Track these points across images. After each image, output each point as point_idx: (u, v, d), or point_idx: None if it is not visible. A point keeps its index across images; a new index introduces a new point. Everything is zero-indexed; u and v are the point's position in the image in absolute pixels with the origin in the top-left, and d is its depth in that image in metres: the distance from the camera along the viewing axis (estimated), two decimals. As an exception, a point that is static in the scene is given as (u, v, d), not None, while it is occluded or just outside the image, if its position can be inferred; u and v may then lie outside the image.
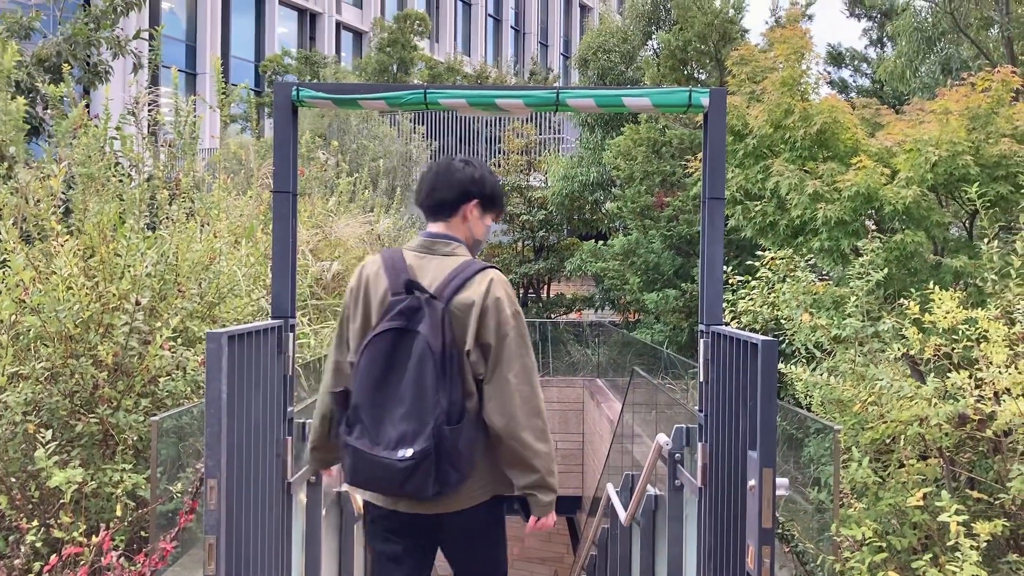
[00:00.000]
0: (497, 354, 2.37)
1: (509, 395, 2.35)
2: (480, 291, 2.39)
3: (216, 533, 2.68)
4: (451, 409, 2.29)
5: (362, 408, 2.34)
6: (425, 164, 16.41)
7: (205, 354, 2.77)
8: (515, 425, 2.35)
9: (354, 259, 7.87)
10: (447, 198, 2.54)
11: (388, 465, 2.26)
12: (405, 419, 2.27)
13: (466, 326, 2.36)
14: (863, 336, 4.18)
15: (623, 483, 6.09)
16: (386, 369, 2.31)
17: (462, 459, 2.31)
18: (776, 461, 2.71)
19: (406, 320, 2.33)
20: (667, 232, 11.67)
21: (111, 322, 4.09)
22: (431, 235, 2.54)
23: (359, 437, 2.34)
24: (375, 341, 2.35)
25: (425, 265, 2.47)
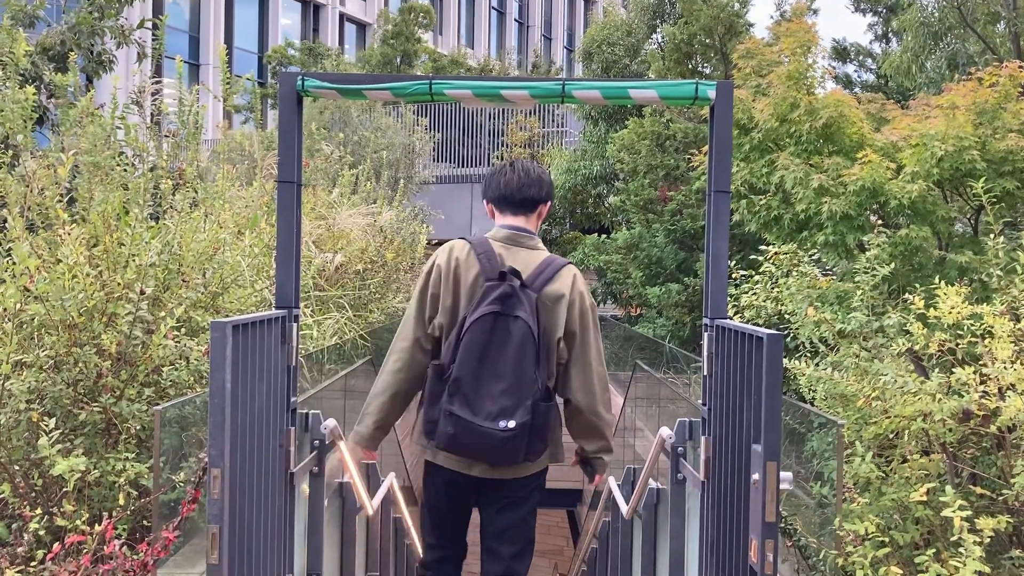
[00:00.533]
0: (582, 340, 2.71)
1: (591, 375, 2.73)
2: (567, 284, 2.70)
3: (219, 523, 2.68)
4: (543, 388, 2.60)
5: (464, 381, 2.54)
6: (429, 155, 16.40)
7: (209, 344, 2.77)
8: (595, 401, 2.74)
9: (357, 251, 7.87)
10: (536, 196, 2.80)
11: (490, 434, 2.51)
12: (505, 394, 2.51)
13: (556, 315, 2.65)
14: (868, 331, 4.17)
15: (624, 477, 6.08)
16: (486, 348, 2.53)
17: (548, 432, 2.66)
18: (780, 455, 2.70)
19: (501, 305, 2.55)
20: (670, 226, 11.65)
21: (115, 311, 4.08)
22: (516, 228, 2.77)
23: (461, 407, 2.55)
24: (478, 322, 2.55)
25: (513, 256, 2.69)
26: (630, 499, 5.73)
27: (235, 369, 2.80)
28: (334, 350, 6.85)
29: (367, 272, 8.10)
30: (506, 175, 2.81)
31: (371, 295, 8.07)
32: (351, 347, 7.29)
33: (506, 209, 2.80)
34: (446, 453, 2.73)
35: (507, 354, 2.53)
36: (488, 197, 2.86)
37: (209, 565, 2.67)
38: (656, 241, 11.98)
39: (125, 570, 3.34)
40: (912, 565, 3.56)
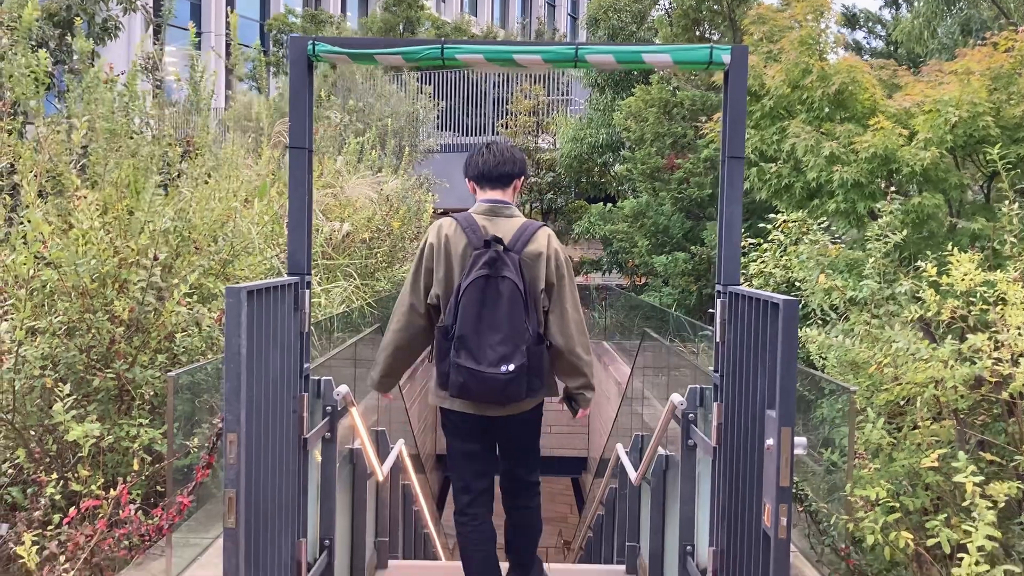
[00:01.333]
0: (559, 290, 3.07)
1: (567, 320, 3.09)
2: (544, 243, 3.06)
3: (236, 487, 2.70)
4: (534, 334, 2.99)
5: (468, 337, 2.93)
6: (433, 123, 16.29)
7: (224, 309, 2.77)
8: (572, 343, 3.10)
9: (363, 219, 7.85)
10: (511, 172, 3.17)
11: (493, 377, 2.91)
12: (503, 343, 2.91)
13: (537, 271, 3.03)
14: (879, 298, 4.16)
15: (632, 444, 6.11)
16: (481, 306, 2.92)
17: (543, 370, 3.05)
18: (795, 420, 2.71)
19: (490, 269, 2.94)
20: (677, 194, 11.58)
21: (128, 278, 4.09)
22: (495, 201, 3.15)
23: (467, 359, 2.94)
24: (472, 286, 2.94)
25: (495, 225, 3.08)
26: (637, 465, 5.77)
27: (250, 335, 2.80)
28: (342, 318, 6.87)
29: (373, 241, 8.09)
30: (483, 156, 3.19)
31: (377, 264, 8.05)
32: (359, 315, 7.30)
33: (485, 185, 3.19)
34: (461, 400, 3.10)
35: (500, 309, 2.93)
36: (469, 176, 3.26)
37: (226, 529, 2.70)
38: (663, 210, 11.91)
39: (140, 534, 3.38)
40: (922, 530, 3.58)
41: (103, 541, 3.35)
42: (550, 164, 16.98)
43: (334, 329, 6.77)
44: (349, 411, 4.07)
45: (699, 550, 3.90)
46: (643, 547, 5.40)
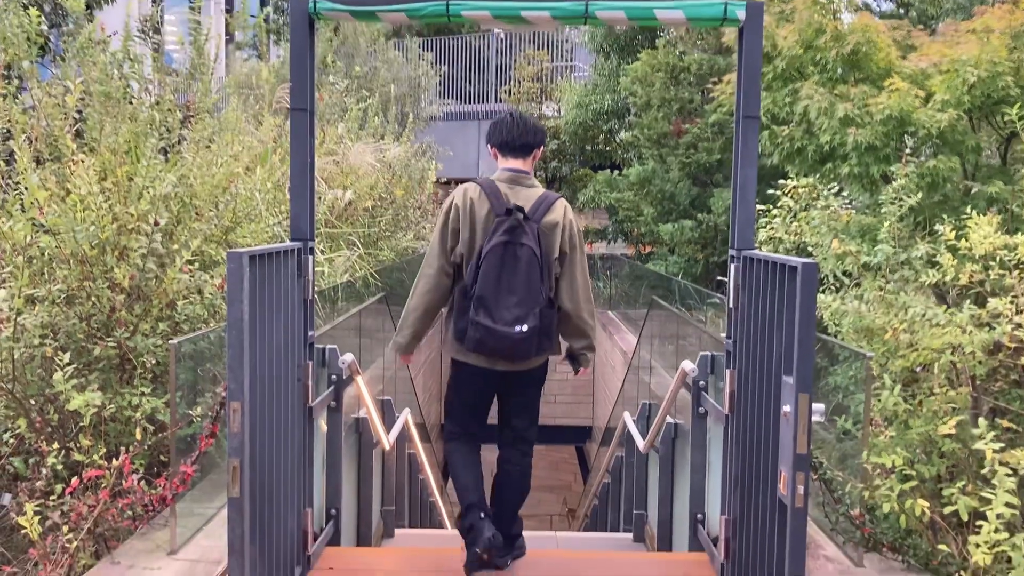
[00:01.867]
0: (571, 259, 3.28)
1: (576, 286, 3.30)
2: (560, 214, 3.25)
3: (240, 456, 2.64)
4: (546, 298, 3.20)
5: (487, 298, 3.13)
6: (435, 90, 16.08)
7: (225, 276, 2.69)
8: (580, 308, 3.31)
9: (366, 187, 7.75)
10: (532, 142, 3.32)
11: (508, 335, 3.12)
12: (518, 305, 3.12)
13: (553, 239, 3.22)
14: (893, 263, 4.07)
15: (640, 412, 6.07)
16: (501, 270, 3.12)
17: (552, 331, 3.26)
18: (813, 387, 2.64)
19: (511, 235, 3.12)
20: (685, 160, 11.41)
21: (128, 244, 4.01)
22: (516, 171, 3.31)
23: (484, 317, 3.13)
24: (493, 250, 3.12)
25: (515, 193, 3.25)
26: (644, 434, 5.73)
27: (252, 301, 2.73)
28: (346, 287, 6.80)
29: (376, 209, 7.99)
30: (507, 124, 3.33)
31: (380, 232, 7.96)
32: (363, 285, 7.23)
33: (508, 153, 3.33)
34: (475, 354, 3.28)
35: (518, 274, 3.13)
36: (492, 143, 3.39)
37: (230, 499, 2.64)
38: (669, 176, 11.76)
39: (144, 504, 3.33)
40: (936, 498, 3.52)
41: (106, 511, 3.30)
42: (554, 132, 16.78)
43: (338, 298, 6.70)
44: (354, 380, 4.02)
45: (710, 518, 3.86)
46: (651, 515, 5.37)
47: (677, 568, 3.62)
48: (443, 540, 5.86)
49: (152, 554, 3.32)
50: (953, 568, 3.20)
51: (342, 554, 3.66)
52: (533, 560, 3.69)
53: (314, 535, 3.51)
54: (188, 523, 3.62)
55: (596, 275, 15.81)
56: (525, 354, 3.21)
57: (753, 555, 3.04)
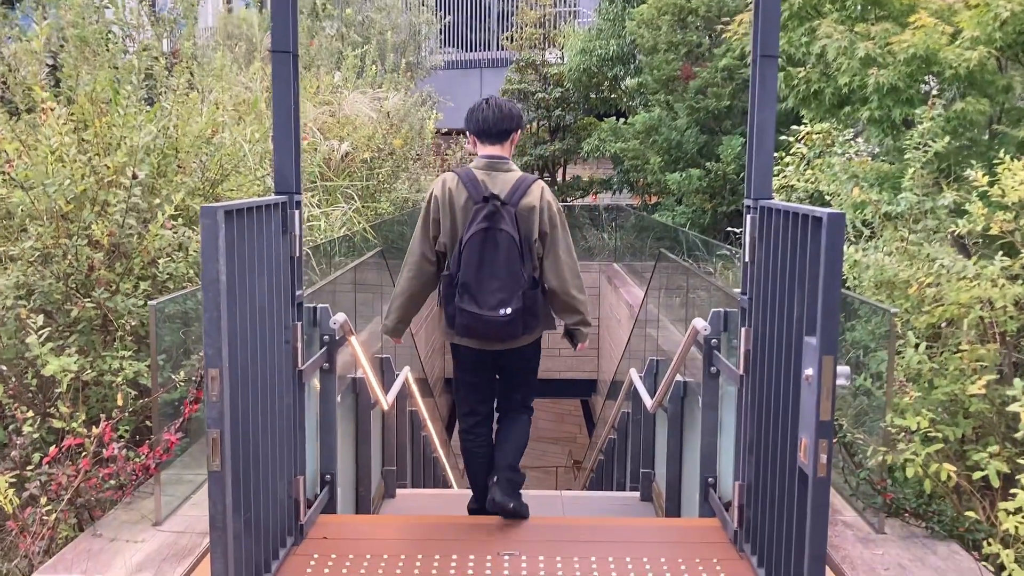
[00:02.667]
0: (552, 239, 3.33)
1: (560, 265, 3.35)
2: (537, 196, 3.31)
3: (219, 426, 2.46)
4: (529, 279, 3.27)
5: (470, 284, 3.21)
6: (436, 38, 15.66)
7: (200, 232, 2.48)
8: (566, 285, 3.36)
9: (363, 138, 7.47)
10: (509, 127, 3.38)
11: (493, 320, 3.20)
12: (501, 289, 3.20)
13: (531, 222, 3.29)
14: (917, 213, 3.84)
15: (647, 369, 5.89)
16: (482, 256, 3.20)
17: (538, 310, 3.34)
18: (838, 348, 2.44)
19: (489, 222, 3.20)
20: (694, 105, 11.04)
21: (106, 199, 3.79)
22: (493, 157, 3.37)
23: (469, 303, 3.22)
24: (472, 238, 3.20)
25: (493, 180, 3.32)
26: (651, 391, 5.56)
27: (231, 259, 2.52)
28: (343, 242, 6.58)
29: (374, 161, 7.73)
30: (483, 112, 3.37)
31: (379, 185, 7.71)
32: (361, 239, 7.01)
33: (485, 140, 3.39)
34: (467, 338, 3.40)
35: (498, 258, 3.20)
36: (470, 130, 3.43)
37: (211, 472, 2.47)
38: (677, 124, 11.40)
39: (127, 473, 3.17)
40: (960, 460, 3.34)
41: (87, 481, 3.14)
42: (558, 79, 16.36)
43: (335, 253, 6.49)
44: (348, 340, 3.83)
45: (722, 482, 3.70)
46: (659, 475, 5.22)
47: (687, 534, 3.46)
48: (445, 500, 5.73)
49: (136, 525, 3.17)
50: (981, 535, 3.03)
51: (337, 522, 3.51)
52: (538, 525, 3.54)
53: (307, 503, 3.36)
54: (176, 491, 3.46)
55: (601, 226, 15.54)
56: (512, 335, 3.30)
57: (769, 524, 2.87)
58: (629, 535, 3.41)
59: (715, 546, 3.29)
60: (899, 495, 3.16)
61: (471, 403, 3.64)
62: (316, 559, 3.11)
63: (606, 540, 3.35)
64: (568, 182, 17.83)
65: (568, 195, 17.44)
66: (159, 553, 2.96)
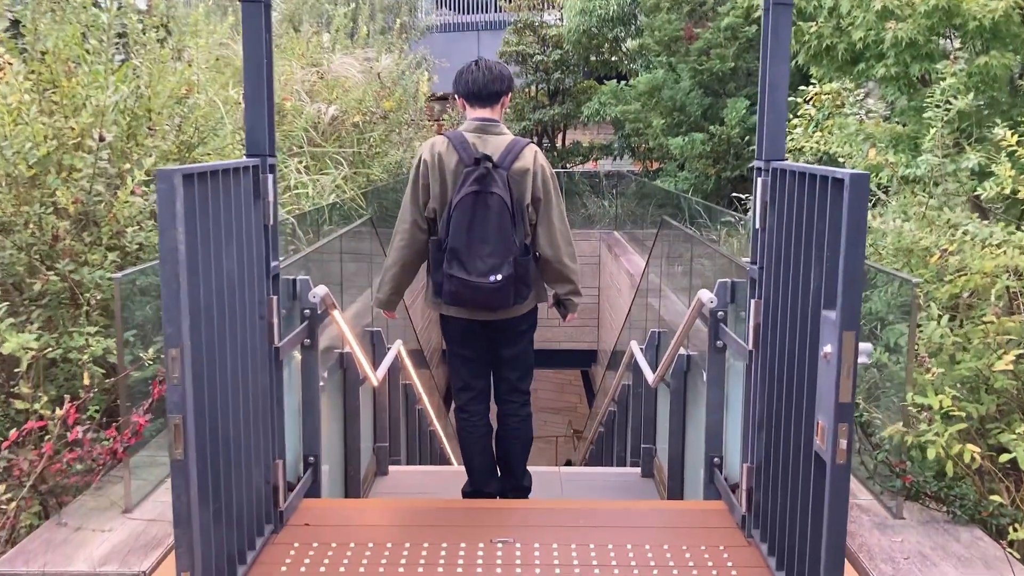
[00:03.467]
0: (546, 204, 3.23)
1: (554, 232, 3.25)
2: (530, 160, 3.19)
3: (182, 411, 2.25)
4: (521, 245, 3.17)
5: (459, 250, 3.10)
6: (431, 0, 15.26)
7: (156, 198, 2.25)
8: (560, 253, 3.27)
9: (354, 100, 7.19)
10: (499, 90, 3.26)
11: (482, 286, 3.09)
12: (491, 255, 3.09)
13: (523, 186, 3.18)
14: (938, 175, 3.60)
15: (648, 341, 5.68)
16: (472, 220, 3.09)
17: (530, 279, 3.25)
18: (860, 323, 2.22)
19: (480, 185, 3.09)
20: (697, 66, 10.69)
21: (72, 163, 3.55)
22: (484, 119, 3.26)
23: (458, 269, 3.11)
24: (462, 201, 3.09)
25: (484, 143, 3.20)
26: (653, 364, 5.35)
27: (191, 228, 2.29)
28: (333, 209, 6.33)
29: (366, 125, 7.45)
30: (472, 73, 3.26)
31: (371, 150, 7.44)
32: (351, 207, 6.76)
33: (475, 102, 3.28)
34: (455, 307, 3.29)
35: (489, 223, 3.09)
36: (459, 92, 3.33)
37: (173, 462, 2.26)
38: (680, 86, 11.06)
39: (92, 458, 2.96)
40: (983, 439, 3.14)
41: (52, 466, 2.94)
42: (557, 41, 15.96)
43: (324, 222, 6.26)
44: (331, 314, 3.61)
45: (728, 462, 3.50)
46: (661, 452, 5.04)
47: (691, 519, 3.26)
48: (439, 478, 5.56)
49: (105, 513, 2.97)
50: (1006, 520, 2.84)
51: (321, 507, 3.31)
52: (533, 509, 3.36)
53: (289, 487, 3.16)
54: (150, 474, 3.26)
55: (602, 193, 15.25)
56: (503, 303, 3.19)
57: (781, 511, 2.67)
58: (629, 519, 3.22)
59: (721, 531, 3.10)
60: (919, 478, 2.96)
61: (464, 377, 3.53)
62: (296, 548, 2.91)
63: (605, 525, 3.15)
64: (568, 148, 17.49)
65: (568, 161, 17.12)
66: (126, 544, 2.76)
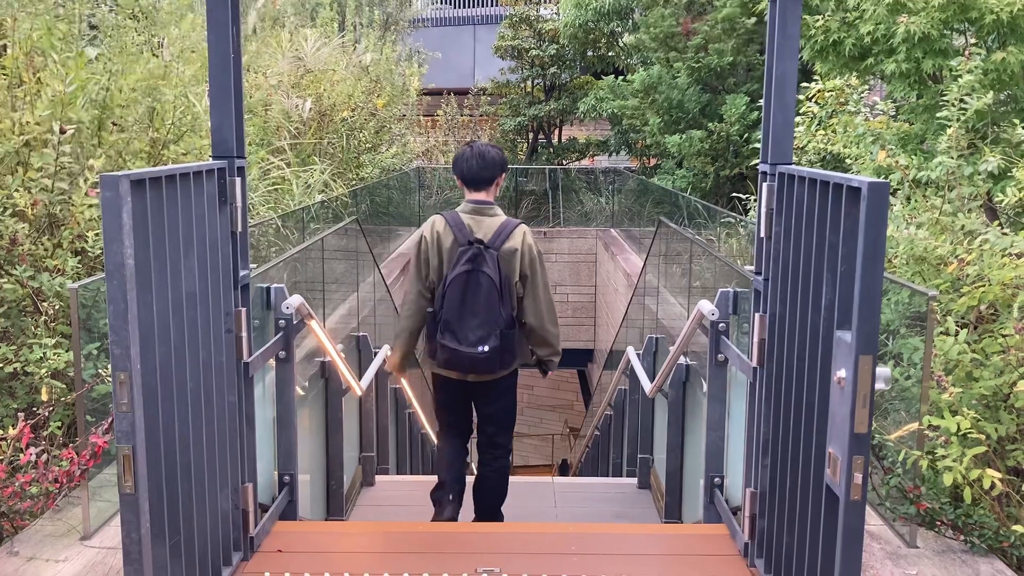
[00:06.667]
0: (532, 280, 3.54)
1: (539, 304, 3.57)
2: (519, 241, 3.50)
3: (131, 441, 2.04)
4: (507, 318, 3.46)
5: (452, 322, 3.42)
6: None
7: (100, 207, 2.04)
8: (543, 321, 3.59)
9: (341, 94, 6.97)
10: (491, 176, 3.57)
11: (472, 355, 3.40)
12: (480, 327, 3.40)
13: (512, 265, 3.48)
14: (953, 179, 3.39)
15: (645, 347, 5.48)
16: (464, 296, 3.40)
17: (514, 348, 3.52)
18: (878, 346, 2.02)
19: (472, 264, 3.40)
20: (694, 64, 10.47)
21: (30, 160, 3.33)
22: (479, 202, 3.56)
23: (451, 340, 3.42)
24: (456, 279, 3.40)
25: (478, 224, 3.51)
26: (650, 371, 5.15)
27: (144, 239, 2.09)
28: (319, 208, 6.12)
29: (355, 120, 7.22)
30: (468, 161, 3.57)
31: (360, 146, 7.21)
32: (340, 205, 6.54)
33: (470, 186, 3.57)
34: (445, 369, 3.61)
35: (479, 298, 3.40)
36: (456, 174, 3.65)
37: (123, 495, 2.06)
38: (677, 83, 10.83)
39: (48, 481, 2.75)
40: (1000, 460, 2.94)
41: (4, 489, 2.73)
42: (553, 35, 15.72)
43: (312, 219, 6.04)
44: (308, 324, 3.40)
45: (730, 484, 3.30)
46: (658, 466, 4.84)
47: (690, 544, 3.07)
48: (426, 488, 5.36)
49: (61, 540, 2.77)
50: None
51: (296, 531, 3.11)
52: (522, 535, 3.16)
53: (261, 511, 2.95)
54: (114, 495, 3.05)
55: (598, 190, 15.04)
56: (490, 370, 3.49)
57: (788, 542, 2.47)
58: (625, 546, 3.02)
59: (722, 559, 2.90)
60: (934, 504, 2.76)
61: (447, 420, 3.84)
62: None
63: (598, 552, 2.96)
64: (564, 144, 17.27)
65: (564, 157, 16.89)
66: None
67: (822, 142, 4.60)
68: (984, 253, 2.93)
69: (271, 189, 5.31)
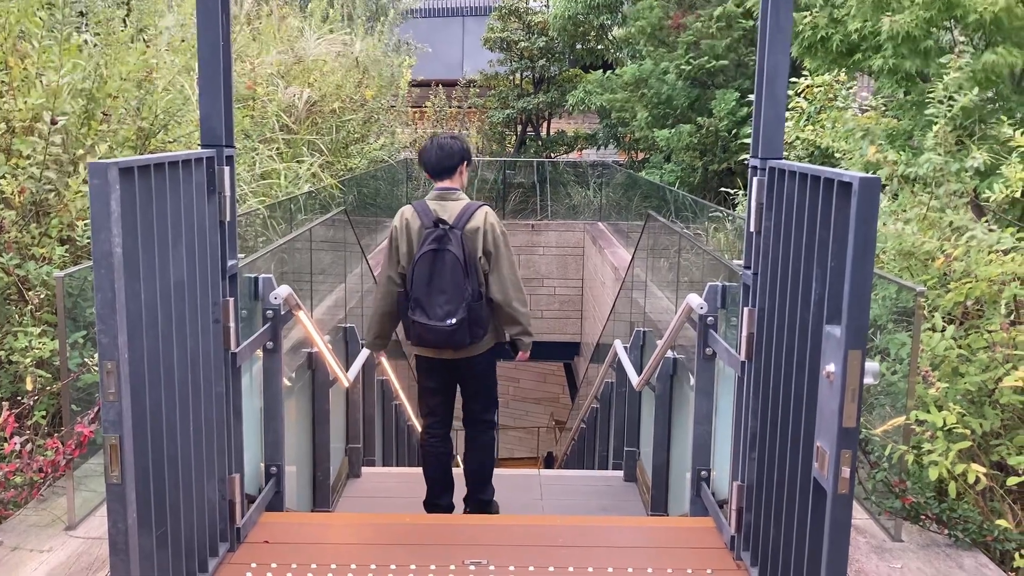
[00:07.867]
0: (496, 257, 3.69)
1: (504, 280, 3.71)
2: (481, 220, 3.66)
3: (118, 431, 2.03)
4: (474, 293, 3.61)
5: (421, 299, 3.60)
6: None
7: (89, 195, 2.02)
8: (509, 298, 3.71)
9: (332, 84, 6.93)
10: (452, 165, 3.76)
11: (441, 329, 3.56)
12: (448, 302, 3.57)
13: (475, 242, 3.64)
14: (940, 176, 3.41)
15: (633, 341, 5.49)
16: (431, 274, 3.58)
17: (482, 321, 3.66)
18: (867, 341, 2.03)
19: (438, 244, 3.58)
20: (684, 60, 10.47)
21: (19, 148, 3.30)
22: (443, 189, 3.76)
23: (421, 315, 3.59)
24: (422, 258, 3.58)
25: (443, 208, 3.69)
26: (637, 364, 5.17)
27: (132, 228, 2.07)
28: (307, 199, 6.09)
29: (344, 111, 7.19)
30: (429, 153, 3.79)
31: (348, 137, 7.18)
32: (327, 196, 6.51)
33: (434, 175, 3.78)
34: (422, 347, 3.77)
35: (445, 275, 3.57)
36: (421, 166, 3.90)
37: (109, 485, 2.04)
38: (667, 78, 10.84)
39: (32, 471, 2.73)
40: (984, 455, 2.97)
41: (-12, 479, 2.71)
42: (542, 27, 15.69)
43: (300, 210, 6.01)
44: (295, 315, 3.39)
45: (717, 477, 3.32)
46: (645, 459, 4.86)
47: (677, 538, 3.08)
48: (413, 480, 5.36)
49: (46, 529, 2.75)
50: (1012, 545, 2.67)
51: (283, 522, 3.11)
52: (509, 527, 3.17)
53: (248, 502, 2.94)
54: (99, 484, 3.03)
55: (586, 183, 15.04)
56: (460, 342, 3.62)
57: (775, 535, 2.48)
58: (611, 538, 3.03)
59: (709, 552, 2.91)
60: (919, 498, 2.78)
61: (430, 404, 3.95)
62: (253, 568, 2.70)
63: (585, 544, 2.96)
64: (552, 137, 17.25)
65: (552, 150, 16.88)
66: (66, 567, 2.54)
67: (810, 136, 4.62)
68: (971, 249, 2.95)
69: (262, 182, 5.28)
